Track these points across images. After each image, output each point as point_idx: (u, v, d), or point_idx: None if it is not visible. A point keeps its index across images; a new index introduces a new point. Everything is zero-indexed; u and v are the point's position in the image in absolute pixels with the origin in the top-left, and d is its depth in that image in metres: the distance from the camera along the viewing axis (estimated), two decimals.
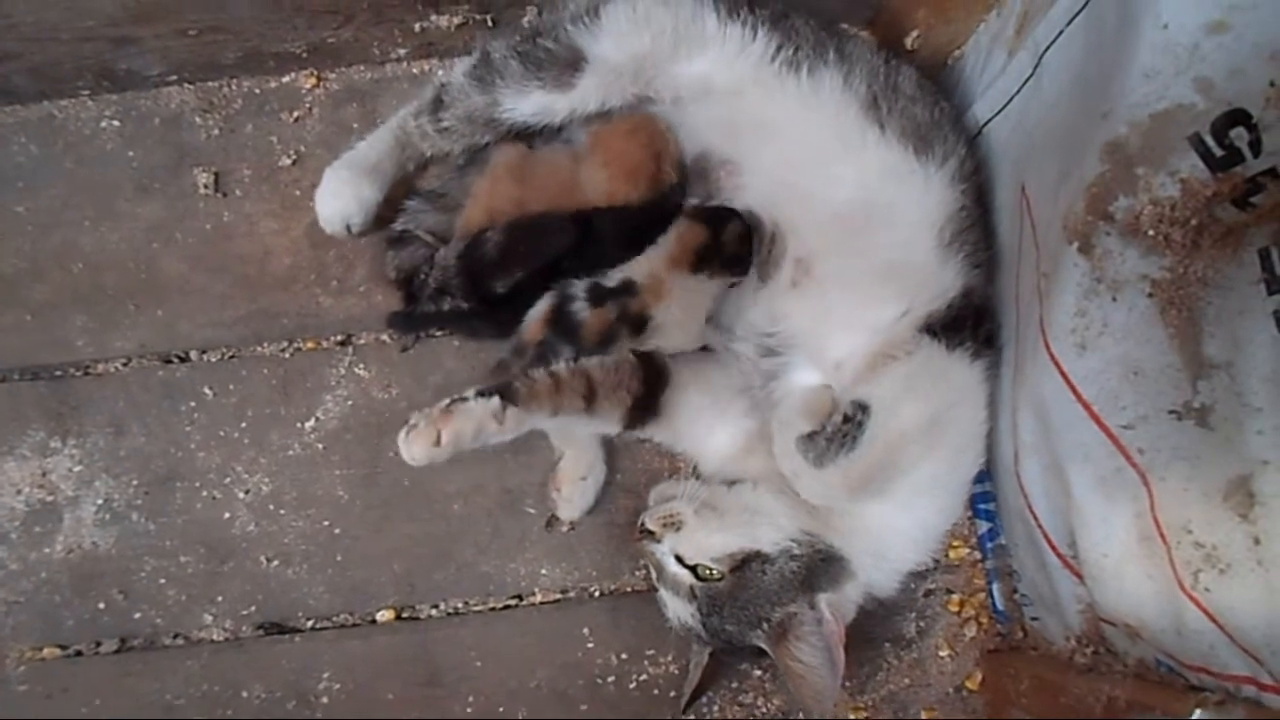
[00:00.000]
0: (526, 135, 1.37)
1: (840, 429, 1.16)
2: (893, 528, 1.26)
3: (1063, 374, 1.06)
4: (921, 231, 1.25)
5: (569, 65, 1.29)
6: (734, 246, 1.29)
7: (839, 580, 1.23)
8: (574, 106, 1.31)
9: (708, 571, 1.22)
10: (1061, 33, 1.12)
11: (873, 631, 1.41)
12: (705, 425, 1.35)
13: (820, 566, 1.22)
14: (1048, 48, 1.15)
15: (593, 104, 1.31)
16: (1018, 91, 1.24)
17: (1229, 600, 0.92)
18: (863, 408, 1.16)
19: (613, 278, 1.30)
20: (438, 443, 1.14)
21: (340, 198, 1.40)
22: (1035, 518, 1.22)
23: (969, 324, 1.24)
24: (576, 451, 1.40)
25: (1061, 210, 1.04)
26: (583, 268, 1.30)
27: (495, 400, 1.17)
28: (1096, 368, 1.02)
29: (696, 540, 1.23)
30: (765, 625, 1.20)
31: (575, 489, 1.39)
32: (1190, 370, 0.93)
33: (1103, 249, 0.97)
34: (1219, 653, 0.95)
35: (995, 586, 1.41)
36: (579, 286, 1.29)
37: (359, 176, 1.39)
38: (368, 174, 1.40)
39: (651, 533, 1.25)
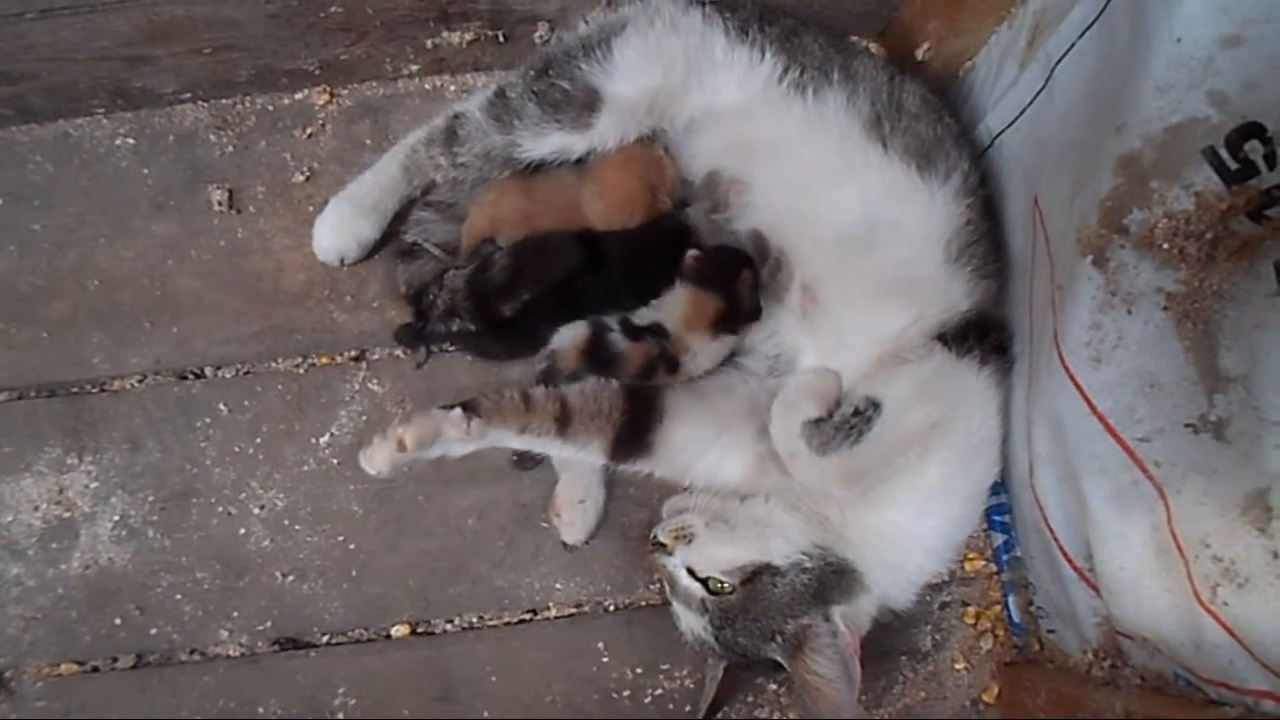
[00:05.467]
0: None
1: (849, 420, 1.17)
2: (907, 537, 1.26)
3: (1078, 387, 1.05)
4: (927, 248, 1.25)
5: (586, 106, 1.30)
6: (749, 301, 1.29)
7: (852, 592, 1.23)
8: (593, 145, 1.33)
9: (719, 584, 1.22)
10: (1073, 45, 1.12)
11: (888, 644, 1.41)
12: (714, 457, 1.30)
13: (832, 579, 1.22)
14: (1059, 60, 1.15)
15: (611, 141, 1.32)
16: (1030, 104, 1.24)
17: (1248, 614, 0.92)
18: (875, 404, 1.17)
19: (644, 317, 1.30)
20: (402, 448, 1.17)
21: (339, 234, 1.43)
22: (1051, 530, 1.21)
23: (978, 334, 1.25)
24: (571, 475, 1.40)
25: (1075, 223, 1.04)
26: (595, 288, 1.31)
27: (458, 410, 1.20)
28: (1112, 381, 1.01)
29: (707, 552, 1.23)
30: (778, 638, 1.20)
31: (575, 513, 1.39)
32: (1206, 383, 0.93)
33: (1117, 262, 0.97)
34: (1238, 667, 0.94)
35: (1011, 599, 1.41)
36: (613, 319, 1.30)
37: (359, 216, 1.42)
38: (367, 214, 1.42)
39: (664, 545, 1.26)
